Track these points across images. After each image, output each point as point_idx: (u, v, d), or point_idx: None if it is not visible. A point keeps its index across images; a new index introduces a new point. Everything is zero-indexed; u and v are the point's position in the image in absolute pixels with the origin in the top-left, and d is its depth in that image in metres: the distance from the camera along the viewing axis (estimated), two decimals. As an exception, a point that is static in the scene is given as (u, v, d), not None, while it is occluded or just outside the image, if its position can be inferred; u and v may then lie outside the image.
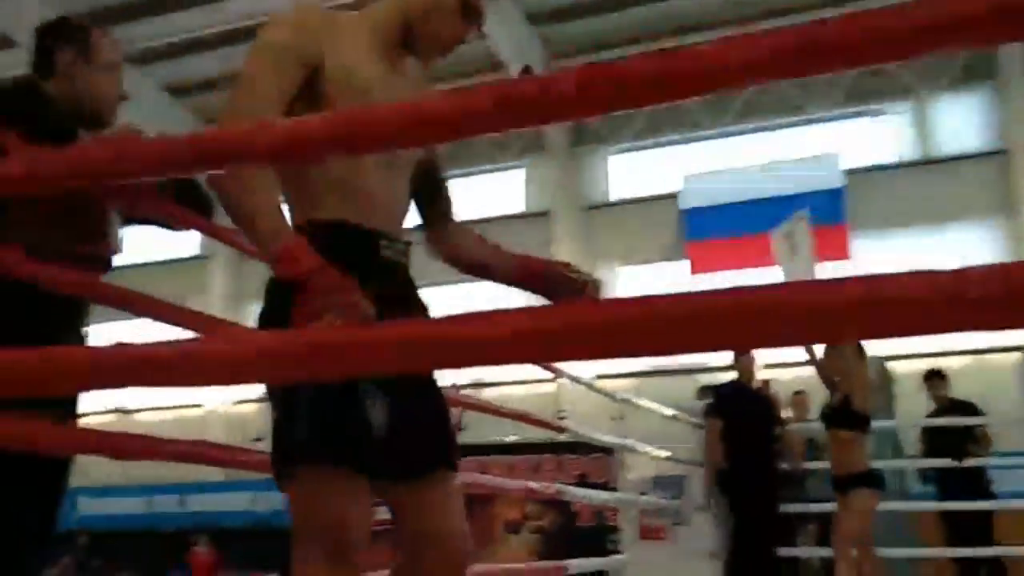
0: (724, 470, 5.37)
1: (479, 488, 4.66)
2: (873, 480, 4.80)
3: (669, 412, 5.52)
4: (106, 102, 2.11)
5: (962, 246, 12.44)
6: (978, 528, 5.79)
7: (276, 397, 1.51)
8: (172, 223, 2.23)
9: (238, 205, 1.45)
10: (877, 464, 9.24)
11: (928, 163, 12.43)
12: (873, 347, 9.25)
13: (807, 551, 6.02)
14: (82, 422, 2.16)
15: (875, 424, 9.87)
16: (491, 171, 15.09)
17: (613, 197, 14.38)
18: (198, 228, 2.29)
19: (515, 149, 14.97)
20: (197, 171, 1.52)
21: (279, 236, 1.44)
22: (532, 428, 4.28)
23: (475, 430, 9.06)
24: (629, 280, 14.21)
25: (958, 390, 6.42)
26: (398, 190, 1.67)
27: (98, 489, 12.17)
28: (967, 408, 6.16)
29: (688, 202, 12.84)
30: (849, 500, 4.72)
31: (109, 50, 2.14)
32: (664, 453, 5.43)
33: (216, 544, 11.45)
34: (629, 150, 14.41)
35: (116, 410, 15.33)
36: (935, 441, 6.15)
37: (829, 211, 11.67)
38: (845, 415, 4.82)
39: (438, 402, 1.66)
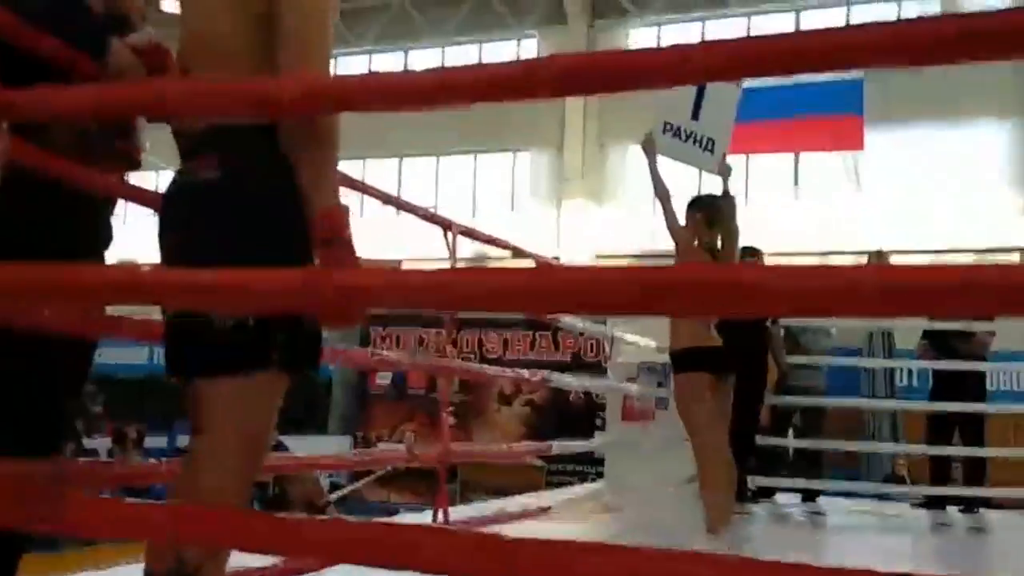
0: None
1: (471, 375, 4.83)
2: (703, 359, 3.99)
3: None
4: (136, 8, 2.05)
5: (975, 139, 12.27)
6: (967, 428, 5.85)
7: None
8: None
9: (333, 148, 1.56)
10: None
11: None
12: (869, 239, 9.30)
13: (790, 442, 6.19)
14: None
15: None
16: (503, 39, 14.74)
17: (629, 74, 14.07)
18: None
19: (534, 17, 14.56)
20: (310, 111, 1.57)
21: (337, 194, 1.56)
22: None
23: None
24: (639, 161, 14.08)
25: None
26: None
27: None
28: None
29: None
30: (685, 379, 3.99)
31: None
32: (651, 343, 5.53)
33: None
34: (652, 24, 14.01)
35: None
36: (926, 345, 6.16)
37: (847, 101, 11.43)
38: None
39: None
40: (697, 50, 1.18)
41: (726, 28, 13.47)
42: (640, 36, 14.06)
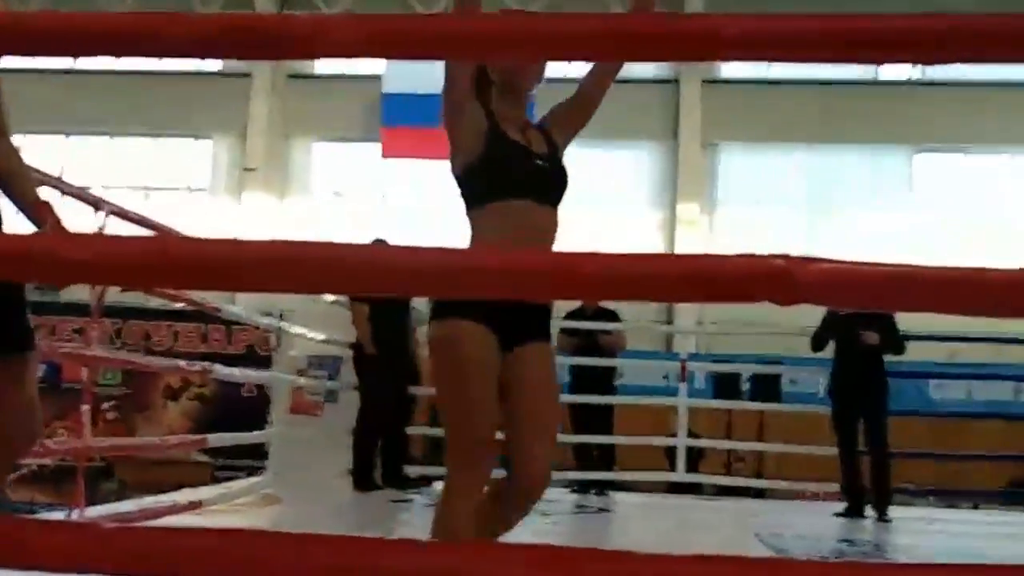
0: (360, 351, 5.68)
1: (131, 364, 4.62)
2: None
3: (330, 298, 5.73)
4: None
5: (625, 160, 13.70)
6: (599, 418, 6.59)
7: None
8: None
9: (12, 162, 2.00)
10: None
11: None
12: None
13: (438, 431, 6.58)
14: None
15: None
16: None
17: (319, 70, 14.08)
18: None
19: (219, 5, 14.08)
20: None
21: (36, 192, 2.04)
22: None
23: (143, 294, 8.72)
24: (323, 156, 14.14)
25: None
26: None
27: None
28: (607, 314, 6.78)
29: (389, 87, 12.87)
30: None
31: None
32: (319, 336, 5.64)
33: None
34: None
35: None
36: (574, 341, 6.78)
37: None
38: None
39: None
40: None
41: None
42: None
